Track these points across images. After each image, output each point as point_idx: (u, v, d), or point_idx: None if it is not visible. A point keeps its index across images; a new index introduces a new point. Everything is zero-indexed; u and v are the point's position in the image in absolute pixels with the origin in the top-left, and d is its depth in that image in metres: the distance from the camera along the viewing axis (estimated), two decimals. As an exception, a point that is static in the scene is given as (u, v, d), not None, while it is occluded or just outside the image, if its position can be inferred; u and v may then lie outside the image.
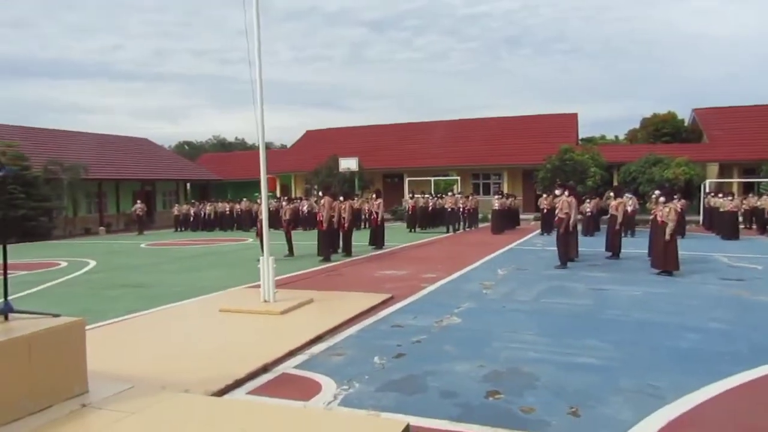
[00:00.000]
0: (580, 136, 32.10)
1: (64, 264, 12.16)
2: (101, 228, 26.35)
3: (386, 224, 14.32)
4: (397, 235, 16.90)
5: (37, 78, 79.70)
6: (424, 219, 19.02)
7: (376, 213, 13.70)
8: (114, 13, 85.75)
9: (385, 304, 6.48)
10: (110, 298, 7.48)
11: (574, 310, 6.02)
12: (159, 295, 7.67)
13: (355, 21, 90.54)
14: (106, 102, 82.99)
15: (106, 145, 31.12)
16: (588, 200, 15.34)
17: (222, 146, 61.36)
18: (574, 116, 30.84)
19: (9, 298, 3.65)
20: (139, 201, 24.69)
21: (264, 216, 7.01)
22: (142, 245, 17.10)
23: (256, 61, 6.27)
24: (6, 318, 3.53)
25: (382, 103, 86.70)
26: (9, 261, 3.60)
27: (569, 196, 9.46)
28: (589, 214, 15.19)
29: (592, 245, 12.57)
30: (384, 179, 30.32)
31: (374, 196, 14.61)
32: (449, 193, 19.09)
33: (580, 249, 10.71)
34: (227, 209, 24.66)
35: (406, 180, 25.63)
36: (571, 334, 5.02)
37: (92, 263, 12.21)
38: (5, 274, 3.55)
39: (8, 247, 3.59)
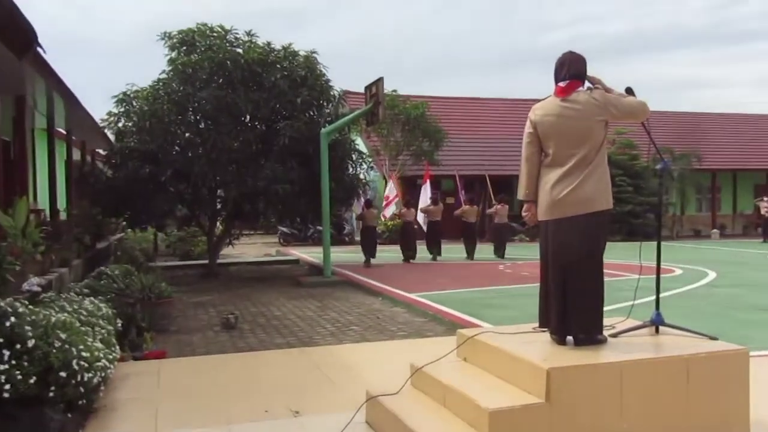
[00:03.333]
0: None
1: (678, 271, 13.45)
2: (713, 231, 27.38)
3: None
4: None
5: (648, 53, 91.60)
6: None
7: None
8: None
9: None
10: (745, 323, 7.70)
11: None
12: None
13: None
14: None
15: (728, 127, 32.17)
16: None
17: None
18: None
19: (635, 302, 4.37)
20: (765, 198, 24.00)
21: None
22: (776, 257, 16.89)
23: None
24: (657, 331, 4.18)
25: None
26: (620, 262, 4.29)
27: None
28: None
29: None
30: None
31: None
32: None
33: None
34: None
35: None
36: None
37: (711, 274, 12.94)
38: (658, 278, 4.23)
39: (614, 246, 4.31)
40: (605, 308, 3.99)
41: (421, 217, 19.53)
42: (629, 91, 4.04)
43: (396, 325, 8.21)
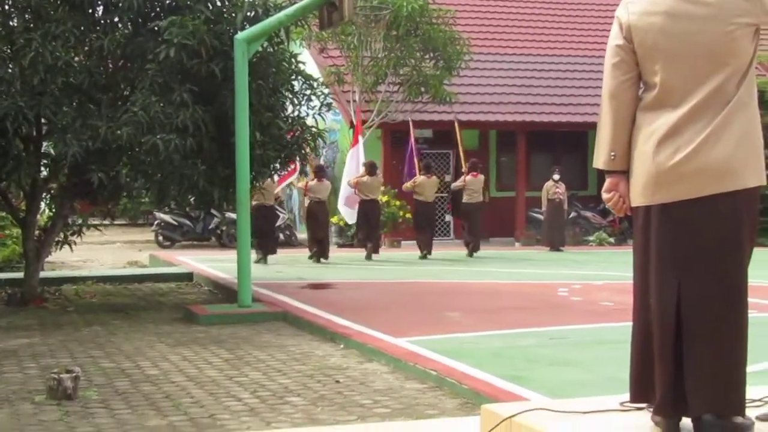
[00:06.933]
0: None
1: None
2: None
3: None
4: None
5: None
6: None
7: None
8: None
9: None
10: None
11: None
12: None
13: None
14: None
15: None
16: None
17: None
18: None
19: None
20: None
21: None
22: None
23: None
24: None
25: None
26: None
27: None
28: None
29: None
30: None
31: None
32: None
33: None
34: None
35: None
36: None
37: None
38: None
39: (764, 255, 4.34)
40: (750, 368, 4.02)
41: (343, 195, 21.79)
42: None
43: (371, 394, 8.21)
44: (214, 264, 18.60)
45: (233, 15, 13.30)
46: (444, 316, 12.28)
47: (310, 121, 14.86)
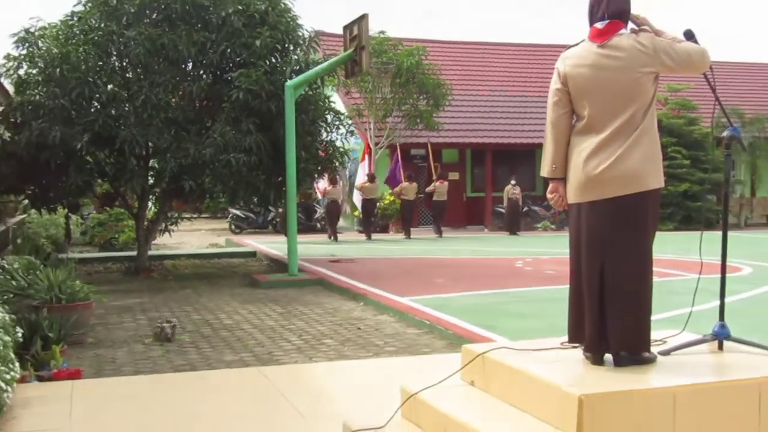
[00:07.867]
0: None
1: (747, 269, 13.64)
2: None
3: None
4: None
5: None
6: None
7: None
8: None
9: None
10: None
11: None
12: None
13: None
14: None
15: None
16: None
17: None
18: None
19: (693, 310, 4.38)
20: None
21: None
22: None
23: None
24: (720, 347, 4.19)
25: None
26: (673, 258, 4.27)
27: None
28: None
29: None
30: None
31: None
32: None
33: None
34: None
35: None
36: None
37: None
38: (723, 279, 4.22)
39: (665, 237, 4.32)
40: (654, 317, 4.01)
41: (356, 197, 23.13)
42: (689, 35, 4.03)
43: (383, 337, 8.24)
44: (271, 245, 18.62)
45: (284, 68, 13.36)
46: (434, 282, 12.29)
47: (338, 144, 14.95)
